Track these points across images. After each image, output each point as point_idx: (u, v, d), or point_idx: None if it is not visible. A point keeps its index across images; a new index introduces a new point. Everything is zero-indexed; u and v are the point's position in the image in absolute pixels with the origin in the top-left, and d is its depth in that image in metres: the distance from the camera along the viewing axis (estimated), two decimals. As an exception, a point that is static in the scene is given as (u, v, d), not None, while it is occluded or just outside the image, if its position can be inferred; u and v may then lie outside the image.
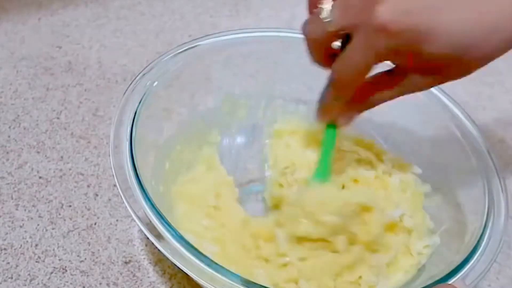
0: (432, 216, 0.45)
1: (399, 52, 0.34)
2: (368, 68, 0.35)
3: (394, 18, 0.32)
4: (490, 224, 0.39)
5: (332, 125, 0.41)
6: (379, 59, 0.35)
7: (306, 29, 0.37)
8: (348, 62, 0.35)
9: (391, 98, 0.38)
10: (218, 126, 0.51)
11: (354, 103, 0.39)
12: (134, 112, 0.42)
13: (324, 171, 0.43)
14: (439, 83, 0.37)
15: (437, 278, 0.35)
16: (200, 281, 0.33)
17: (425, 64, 0.35)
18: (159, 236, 0.35)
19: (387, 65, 0.38)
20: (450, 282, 0.35)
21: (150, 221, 0.36)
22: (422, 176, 0.47)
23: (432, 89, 0.48)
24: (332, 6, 0.34)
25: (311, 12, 0.37)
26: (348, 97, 0.38)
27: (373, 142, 0.50)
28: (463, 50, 0.33)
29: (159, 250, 0.35)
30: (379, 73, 0.38)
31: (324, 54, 0.37)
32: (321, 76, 0.40)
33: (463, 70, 0.35)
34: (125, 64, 0.62)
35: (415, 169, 0.47)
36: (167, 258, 0.34)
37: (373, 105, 0.39)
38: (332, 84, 0.38)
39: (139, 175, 0.38)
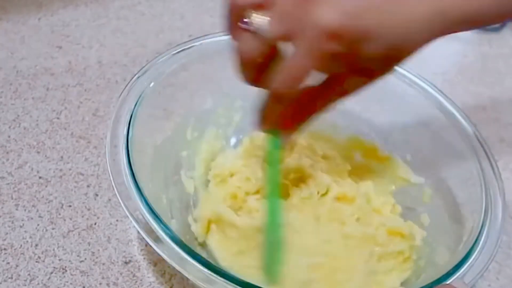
0: (431, 215, 0.45)
1: (339, 55, 0.32)
2: (307, 74, 0.33)
3: (342, 21, 0.31)
4: (487, 223, 0.39)
5: (274, 136, 0.39)
6: (321, 65, 0.33)
7: (239, 47, 0.34)
8: (290, 71, 0.33)
9: (331, 104, 0.38)
10: (216, 127, 0.51)
11: (295, 114, 0.38)
12: (131, 113, 0.42)
13: (275, 190, 0.41)
14: (372, 81, 0.37)
15: (436, 278, 0.35)
16: (197, 282, 0.33)
17: (360, 65, 0.35)
18: (156, 238, 0.35)
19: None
20: (449, 281, 0.35)
21: (147, 223, 0.36)
22: (422, 175, 0.47)
23: (431, 90, 0.49)
24: (263, 16, 0.32)
25: (234, 27, 0.34)
26: (287, 105, 0.36)
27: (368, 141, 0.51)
28: (397, 49, 0.33)
29: (156, 251, 0.35)
30: (315, 85, 0.37)
31: (256, 71, 0.35)
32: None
33: (390, 67, 0.36)
34: (125, 64, 0.62)
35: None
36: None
37: (314, 115, 0.38)
38: (271, 94, 0.36)
39: (135, 176, 0.38)
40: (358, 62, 0.34)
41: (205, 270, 0.33)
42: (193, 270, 0.34)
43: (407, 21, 0.32)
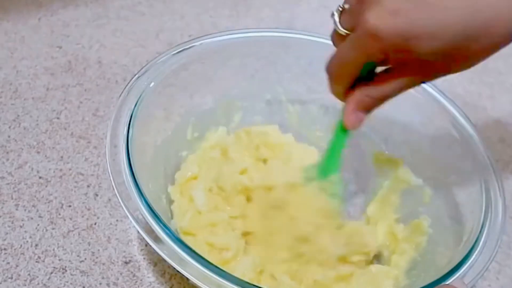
0: (431, 215, 0.45)
1: (392, 52, 0.33)
2: (356, 65, 0.36)
3: (382, 22, 0.31)
4: (487, 223, 0.39)
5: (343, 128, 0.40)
6: (372, 59, 0.35)
7: (331, 38, 0.38)
8: (338, 56, 0.37)
9: (394, 94, 0.37)
10: (216, 126, 0.51)
11: (360, 101, 0.38)
12: (131, 113, 0.42)
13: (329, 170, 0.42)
14: (434, 77, 0.36)
15: (436, 277, 0.35)
16: (197, 282, 0.33)
17: (418, 60, 0.34)
18: (156, 238, 0.35)
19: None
20: (449, 281, 0.35)
21: (147, 223, 0.36)
22: (422, 176, 0.47)
23: (431, 90, 0.49)
24: (341, 12, 0.36)
25: None
26: (338, 90, 0.38)
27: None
28: (453, 48, 0.32)
29: (156, 251, 0.35)
30: (379, 72, 0.38)
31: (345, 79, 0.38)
32: (320, 76, 0.40)
33: (460, 65, 0.35)
34: (125, 64, 0.62)
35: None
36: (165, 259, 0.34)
37: (379, 103, 0.38)
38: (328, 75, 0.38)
39: (135, 176, 0.38)
40: (409, 58, 0.34)
41: (205, 270, 0.33)
42: (193, 270, 0.34)
43: (464, 18, 0.31)
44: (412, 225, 0.46)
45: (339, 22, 0.36)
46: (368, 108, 0.38)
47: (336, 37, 0.37)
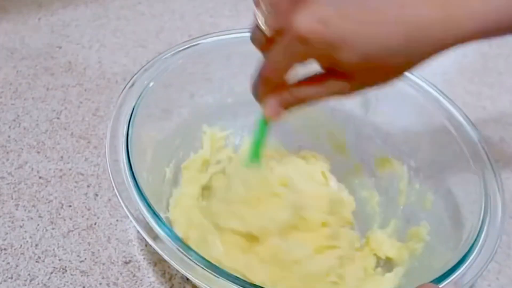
0: (430, 215, 0.45)
1: (318, 57, 0.35)
2: (287, 66, 0.36)
3: (313, 28, 0.33)
4: (487, 223, 0.39)
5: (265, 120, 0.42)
6: (299, 61, 0.36)
7: (250, 36, 0.39)
8: (271, 60, 0.37)
9: (316, 97, 0.38)
10: (216, 126, 0.51)
11: (283, 98, 0.39)
12: (131, 111, 0.42)
13: (255, 157, 0.43)
14: (357, 89, 0.37)
15: (434, 277, 0.35)
16: (197, 282, 0.33)
17: (340, 69, 0.35)
18: (156, 237, 0.35)
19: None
20: (446, 282, 0.35)
21: (147, 222, 0.36)
22: (421, 175, 0.47)
23: (431, 90, 0.49)
24: (266, 12, 0.37)
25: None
26: (268, 88, 0.38)
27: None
28: (372, 61, 0.34)
29: (156, 251, 0.35)
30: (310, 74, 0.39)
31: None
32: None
33: (377, 79, 0.36)
34: (125, 64, 0.62)
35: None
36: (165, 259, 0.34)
37: (300, 102, 0.39)
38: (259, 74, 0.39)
39: (135, 176, 0.38)
40: (334, 66, 0.35)
41: (206, 269, 0.33)
42: (193, 269, 0.34)
43: (382, 33, 0.32)
44: (410, 232, 0.46)
45: (265, 22, 0.36)
46: (289, 106, 0.39)
47: (258, 36, 0.37)
